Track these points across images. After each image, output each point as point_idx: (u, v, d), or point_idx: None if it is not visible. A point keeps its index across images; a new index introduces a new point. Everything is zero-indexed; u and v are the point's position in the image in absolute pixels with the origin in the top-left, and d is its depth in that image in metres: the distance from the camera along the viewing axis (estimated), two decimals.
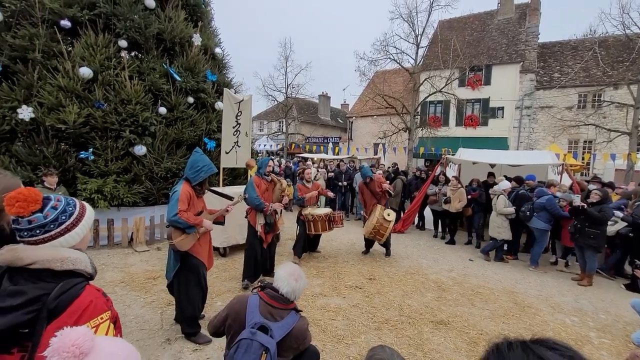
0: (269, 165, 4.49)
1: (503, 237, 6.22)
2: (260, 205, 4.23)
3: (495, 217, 6.33)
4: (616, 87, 15.17)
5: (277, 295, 1.83)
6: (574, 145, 18.56)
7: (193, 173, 3.10)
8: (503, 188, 6.40)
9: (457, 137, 19.84)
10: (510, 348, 0.65)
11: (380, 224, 5.70)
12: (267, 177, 4.49)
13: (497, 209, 6.26)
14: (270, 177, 4.50)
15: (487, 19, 23.01)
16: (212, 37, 7.80)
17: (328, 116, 33.44)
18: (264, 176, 4.45)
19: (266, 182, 4.47)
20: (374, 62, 17.00)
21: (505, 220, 6.20)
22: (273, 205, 4.41)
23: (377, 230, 5.74)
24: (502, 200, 6.25)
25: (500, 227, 6.21)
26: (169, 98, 6.36)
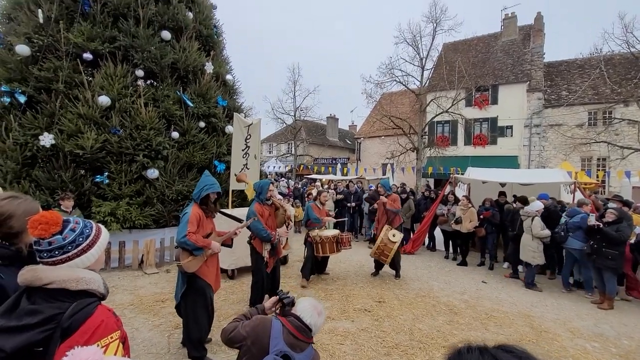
0: (270, 189, 4.33)
1: (538, 261, 5.89)
2: (268, 237, 4.12)
3: (529, 240, 5.95)
4: (626, 104, 15.05)
5: (301, 326, 1.77)
6: (587, 162, 18.23)
7: (197, 192, 3.20)
8: (536, 209, 6.05)
9: (466, 156, 19.75)
10: (470, 351, 0.69)
11: (385, 245, 5.66)
12: (269, 202, 4.35)
13: (533, 231, 5.88)
14: (271, 201, 4.39)
15: (491, 41, 23.44)
16: (224, 65, 8.15)
17: (336, 137, 33.85)
18: (265, 202, 4.30)
19: (268, 207, 4.33)
20: (380, 85, 17.37)
21: (540, 243, 5.91)
22: (279, 232, 4.31)
23: (381, 251, 5.71)
24: (538, 223, 5.90)
25: (536, 252, 5.87)
26: (182, 123, 6.60)
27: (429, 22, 16.43)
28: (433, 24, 16.33)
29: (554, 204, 6.91)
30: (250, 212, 4.23)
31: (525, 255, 6.04)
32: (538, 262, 5.92)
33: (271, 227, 4.27)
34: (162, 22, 6.77)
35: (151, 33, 6.52)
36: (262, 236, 4.11)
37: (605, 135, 15.59)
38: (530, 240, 5.96)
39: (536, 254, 5.90)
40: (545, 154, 19.05)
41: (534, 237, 5.91)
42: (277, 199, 4.52)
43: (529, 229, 6.01)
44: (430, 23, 16.38)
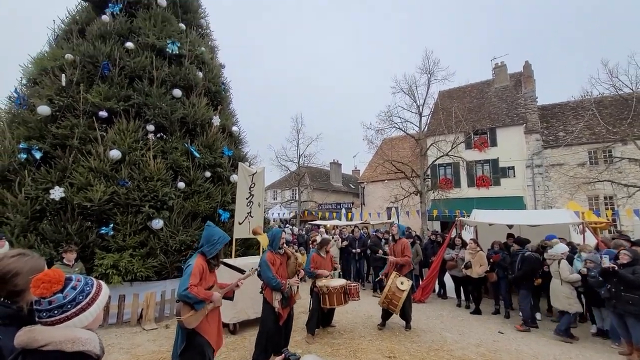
0: (283, 237, 4.37)
1: (576, 309, 5.54)
2: (278, 285, 4.05)
3: (559, 286, 5.65)
4: (624, 143, 15.28)
5: None
6: (594, 201, 18.01)
7: (209, 246, 3.17)
8: (561, 252, 5.82)
9: (471, 198, 19.69)
10: None
11: (393, 293, 5.44)
12: (281, 251, 4.36)
13: (562, 276, 5.60)
14: (283, 249, 4.39)
15: (484, 87, 24.62)
16: (230, 118, 8.59)
17: (340, 182, 34.17)
18: (277, 250, 4.31)
19: (280, 256, 4.33)
20: (380, 131, 17.95)
21: (573, 289, 5.60)
22: (290, 281, 4.25)
23: (389, 300, 5.47)
24: (565, 266, 5.66)
25: (570, 298, 5.52)
26: (188, 173, 6.79)
27: (424, 73, 17.45)
28: (427, 75, 17.33)
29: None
30: (262, 261, 4.21)
31: (558, 303, 5.67)
32: (576, 309, 5.53)
33: (282, 275, 4.22)
34: (174, 81, 7.30)
35: (163, 91, 6.99)
36: (272, 285, 4.05)
37: (608, 174, 15.62)
38: (560, 285, 5.63)
39: (571, 300, 5.52)
40: (550, 194, 18.94)
41: (564, 282, 5.59)
42: (287, 248, 4.51)
43: (556, 273, 5.70)
44: (425, 74, 17.39)
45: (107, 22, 7.13)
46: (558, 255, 5.78)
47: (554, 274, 5.78)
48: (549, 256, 5.98)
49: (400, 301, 5.41)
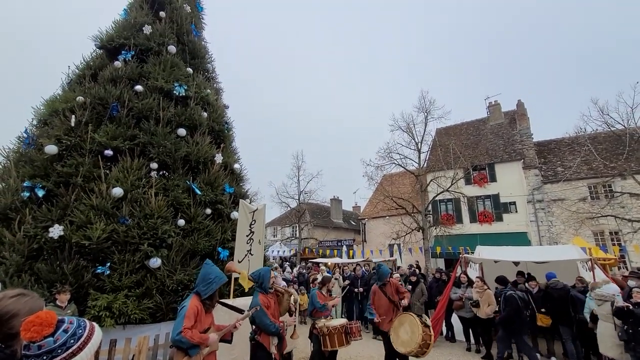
0: (271, 277, 4.21)
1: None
2: (277, 330, 3.85)
3: (612, 330, 5.18)
4: (623, 178, 15.36)
5: None
6: (600, 237, 17.72)
7: (204, 286, 3.09)
8: (613, 292, 5.36)
9: (474, 234, 19.42)
10: None
11: (426, 333, 4.76)
12: (271, 290, 4.19)
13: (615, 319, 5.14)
14: (273, 289, 4.23)
15: (480, 125, 25.33)
16: (232, 155, 8.75)
17: (340, 219, 33.92)
18: (268, 291, 4.13)
19: (272, 296, 4.15)
20: (380, 168, 18.18)
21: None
22: (287, 322, 4.09)
23: (425, 342, 4.71)
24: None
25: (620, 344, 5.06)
26: (189, 210, 6.77)
27: (420, 112, 18.07)
28: (424, 113, 17.93)
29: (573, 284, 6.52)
30: (253, 303, 3.99)
31: (611, 350, 5.19)
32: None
33: (276, 316, 4.03)
34: (179, 121, 7.54)
35: (168, 130, 7.20)
36: (271, 331, 3.80)
37: (611, 209, 15.52)
38: (614, 330, 5.15)
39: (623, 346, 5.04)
40: (554, 229, 18.70)
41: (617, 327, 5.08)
42: (278, 286, 4.36)
43: (609, 317, 5.19)
44: (422, 112, 18.00)
45: (119, 67, 7.53)
46: (610, 296, 5.30)
47: (605, 317, 5.28)
48: (598, 296, 5.48)
49: (433, 339, 4.85)
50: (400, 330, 4.93)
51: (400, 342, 4.84)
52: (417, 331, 4.67)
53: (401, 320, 5.02)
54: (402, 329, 4.92)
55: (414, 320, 4.81)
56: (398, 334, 4.91)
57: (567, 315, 6.28)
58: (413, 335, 4.69)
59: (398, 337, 4.89)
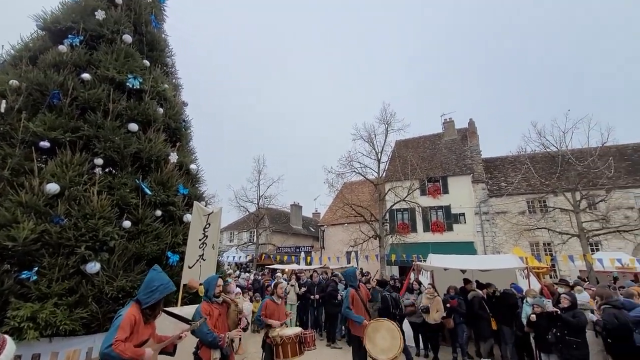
0: (218, 284, 3.97)
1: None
2: (215, 340, 3.59)
3: (594, 338, 5.38)
4: (556, 194, 17.07)
5: None
6: (535, 247, 19.50)
7: (146, 294, 2.83)
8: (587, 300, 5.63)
9: (427, 242, 20.37)
10: None
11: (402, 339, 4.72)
12: (218, 299, 3.95)
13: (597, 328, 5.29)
14: (221, 298, 3.99)
15: (436, 139, 26.86)
16: (189, 155, 8.33)
17: (300, 225, 33.80)
18: (213, 299, 3.90)
19: (218, 306, 3.91)
20: (341, 175, 18.45)
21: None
22: (230, 334, 3.81)
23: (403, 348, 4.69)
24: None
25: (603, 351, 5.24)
26: (136, 212, 6.28)
27: (382, 123, 18.72)
28: (385, 125, 18.59)
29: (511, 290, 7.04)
30: (196, 313, 3.75)
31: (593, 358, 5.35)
32: None
33: (221, 329, 3.78)
34: (131, 115, 7.02)
35: (118, 124, 6.66)
36: (208, 341, 3.57)
37: (545, 222, 17.16)
38: (595, 337, 5.37)
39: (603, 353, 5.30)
40: (497, 240, 20.24)
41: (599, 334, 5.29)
42: (227, 295, 4.13)
43: (591, 324, 5.42)
44: (383, 124, 18.65)
45: (64, 52, 6.86)
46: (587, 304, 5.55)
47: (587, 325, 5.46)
48: (581, 306, 5.65)
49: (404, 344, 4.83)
50: (377, 336, 4.73)
51: (380, 349, 4.64)
52: (398, 336, 4.56)
53: (376, 327, 4.86)
54: (378, 335, 4.74)
55: (391, 326, 4.70)
56: (375, 342, 4.71)
57: (512, 320, 6.72)
58: (394, 341, 4.58)
59: (375, 345, 4.69)
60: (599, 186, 15.95)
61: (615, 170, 16.25)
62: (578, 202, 13.74)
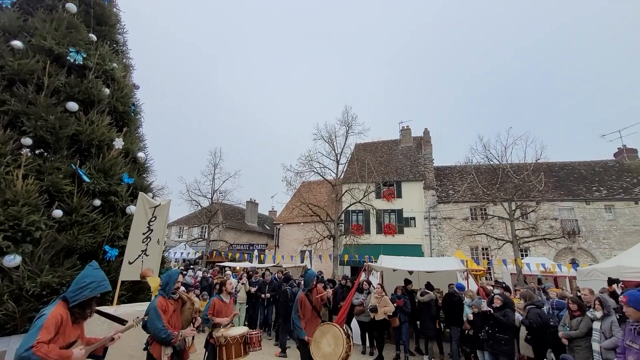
0: (178, 280, 3.79)
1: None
2: (168, 337, 3.40)
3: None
4: (495, 204, 18.65)
5: None
6: (475, 251, 21.12)
7: (75, 291, 2.54)
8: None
9: (379, 244, 21.08)
10: None
11: (349, 345, 4.57)
12: (175, 296, 3.76)
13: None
14: (178, 294, 3.80)
15: (393, 145, 27.94)
16: (137, 142, 7.72)
17: (255, 222, 33.16)
18: (170, 295, 3.70)
19: (174, 302, 3.72)
20: (299, 174, 18.41)
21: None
22: (183, 332, 3.62)
23: (346, 355, 4.48)
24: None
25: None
26: (70, 200, 5.67)
27: (343, 125, 19.01)
28: (346, 127, 18.91)
29: (453, 290, 7.51)
30: (150, 307, 3.52)
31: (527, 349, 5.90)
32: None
33: (175, 326, 3.59)
34: (70, 93, 6.33)
35: (54, 102, 5.97)
36: (161, 337, 3.37)
37: (484, 228, 18.68)
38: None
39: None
40: (443, 243, 21.60)
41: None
42: (183, 292, 3.92)
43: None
44: (344, 126, 18.96)
45: None
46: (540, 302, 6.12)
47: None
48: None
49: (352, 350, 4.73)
50: (323, 341, 4.64)
51: (322, 354, 4.54)
52: (341, 344, 4.45)
53: (323, 331, 4.75)
54: (324, 340, 4.64)
55: (337, 332, 4.59)
56: (319, 346, 4.62)
57: (458, 320, 7.12)
58: (337, 347, 4.47)
59: (319, 349, 4.59)
60: (531, 198, 17.72)
61: (545, 184, 18.19)
62: (513, 211, 15.14)
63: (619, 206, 19.94)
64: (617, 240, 19.09)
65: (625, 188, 20.81)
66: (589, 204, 20.38)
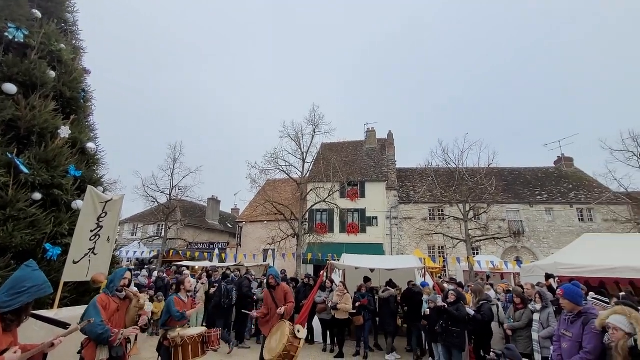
0: (125, 277, 3.57)
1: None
2: (104, 334, 3.09)
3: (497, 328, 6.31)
4: (451, 205, 19.73)
5: None
6: (432, 250, 22.19)
7: (10, 296, 2.25)
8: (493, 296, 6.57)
9: (342, 243, 21.40)
10: None
11: (291, 344, 4.64)
12: (121, 294, 3.52)
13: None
14: (124, 292, 3.56)
15: (358, 146, 28.49)
16: (86, 131, 7.11)
17: (216, 220, 32.14)
18: (115, 292, 3.47)
19: (118, 300, 3.47)
20: (264, 172, 18.13)
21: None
22: (125, 331, 3.35)
23: (287, 352, 4.59)
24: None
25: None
26: (4, 192, 5.08)
27: (309, 124, 19.02)
28: (312, 126, 18.94)
29: (412, 285, 7.83)
30: (89, 307, 3.22)
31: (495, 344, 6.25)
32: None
33: (118, 324, 3.32)
34: (8, 74, 5.69)
35: None
36: (97, 334, 3.06)
37: (441, 228, 19.70)
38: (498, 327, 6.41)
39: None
40: (403, 242, 22.43)
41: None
42: (130, 289, 3.65)
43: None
44: (311, 125, 18.98)
45: None
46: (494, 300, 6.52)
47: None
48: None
49: (298, 351, 4.71)
50: (273, 337, 4.83)
51: (268, 348, 4.74)
52: (282, 340, 4.58)
53: (278, 327, 4.90)
54: (275, 336, 4.82)
55: (285, 330, 4.71)
56: (270, 340, 4.85)
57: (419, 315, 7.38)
58: (279, 344, 4.59)
59: (269, 343, 4.82)
60: (483, 200, 18.99)
61: (495, 188, 19.60)
62: (467, 212, 16.12)
63: (557, 209, 22.02)
64: (554, 240, 21.06)
65: (562, 193, 23.04)
66: (533, 206, 22.28)
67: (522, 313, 5.50)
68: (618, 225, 18.66)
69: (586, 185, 23.49)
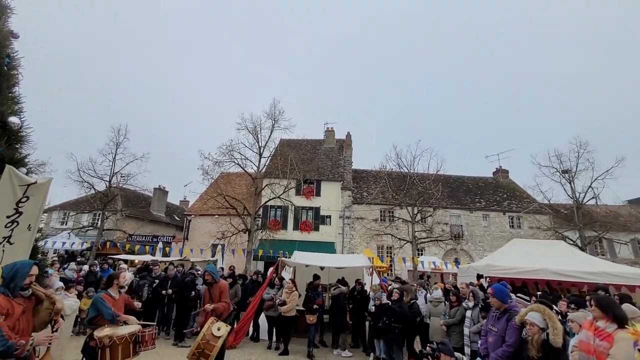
0: (31, 274, 2.91)
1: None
2: (9, 349, 2.51)
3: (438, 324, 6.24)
4: (401, 207, 20.70)
5: None
6: (381, 250, 23.09)
7: None
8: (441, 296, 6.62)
9: (294, 240, 21.36)
10: None
11: (207, 342, 4.57)
12: (26, 293, 2.91)
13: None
14: (30, 290, 2.95)
15: (317, 145, 28.66)
16: (9, 104, 6.20)
17: (162, 212, 30.28)
18: (19, 292, 2.83)
19: (22, 301, 2.87)
20: (218, 164, 17.45)
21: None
22: (36, 338, 2.80)
23: (201, 350, 4.53)
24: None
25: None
26: None
27: (269, 119, 18.66)
28: (272, 121, 18.61)
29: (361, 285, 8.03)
30: None
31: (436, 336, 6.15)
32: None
33: (24, 331, 2.80)
34: None
35: None
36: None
37: (390, 229, 20.59)
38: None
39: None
40: (354, 242, 23.05)
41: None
42: (39, 288, 3.11)
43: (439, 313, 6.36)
44: (270, 119, 18.63)
45: None
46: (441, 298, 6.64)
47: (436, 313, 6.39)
48: (435, 299, 6.66)
49: (215, 350, 4.59)
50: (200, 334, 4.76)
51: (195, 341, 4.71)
52: (200, 337, 4.59)
53: (207, 324, 4.80)
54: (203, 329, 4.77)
55: (208, 328, 4.71)
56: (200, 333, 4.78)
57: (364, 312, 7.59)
58: (197, 338, 4.62)
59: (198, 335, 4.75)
60: (430, 204, 20.20)
61: (442, 194, 20.97)
62: (415, 215, 17.03)
63: (492, 216, 24.21)
64: (488, 244, 23.13)
65: (498, 201, 25.39)
66: (472, 212, 24.24)
67: (456, 310, 5.92)
68: (540, 232, 21.00)
69: (517, 195, 26.13)
